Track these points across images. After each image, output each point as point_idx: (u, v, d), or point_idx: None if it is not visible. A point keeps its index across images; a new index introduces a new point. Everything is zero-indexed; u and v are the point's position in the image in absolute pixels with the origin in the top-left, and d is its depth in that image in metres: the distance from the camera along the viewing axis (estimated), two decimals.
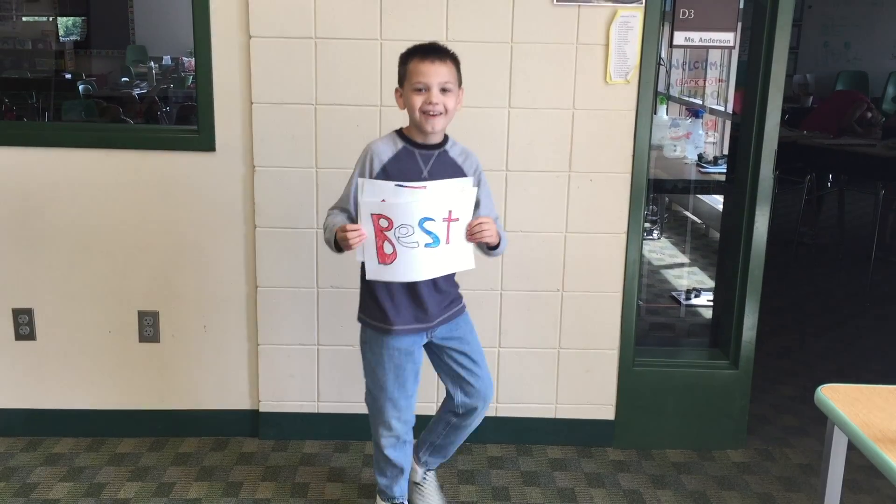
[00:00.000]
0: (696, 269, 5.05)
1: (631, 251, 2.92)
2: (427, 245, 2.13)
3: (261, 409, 3.07)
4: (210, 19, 2.76)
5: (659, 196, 5.41)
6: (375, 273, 2.20)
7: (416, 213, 2.09)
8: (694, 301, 4.34)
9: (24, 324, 3.00)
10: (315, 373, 3.03)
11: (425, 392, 3.03)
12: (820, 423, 3.19)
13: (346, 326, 2.96)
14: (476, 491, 2.78)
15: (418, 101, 2.16)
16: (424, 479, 2.62)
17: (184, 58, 9.35)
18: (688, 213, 5.95)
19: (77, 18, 9.95)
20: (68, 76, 8.69)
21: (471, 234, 2.17)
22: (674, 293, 4.51)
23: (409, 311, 2.28)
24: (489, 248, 2.27)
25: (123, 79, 8.70)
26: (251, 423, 3.09)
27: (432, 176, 2.20)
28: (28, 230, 2.93)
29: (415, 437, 2.51)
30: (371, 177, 2.20)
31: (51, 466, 2.88)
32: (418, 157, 2.23)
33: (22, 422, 3.06)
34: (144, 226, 2.93)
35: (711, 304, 3.90)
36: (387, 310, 2.28)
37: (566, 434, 3.07)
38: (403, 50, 2.24)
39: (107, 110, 6.55)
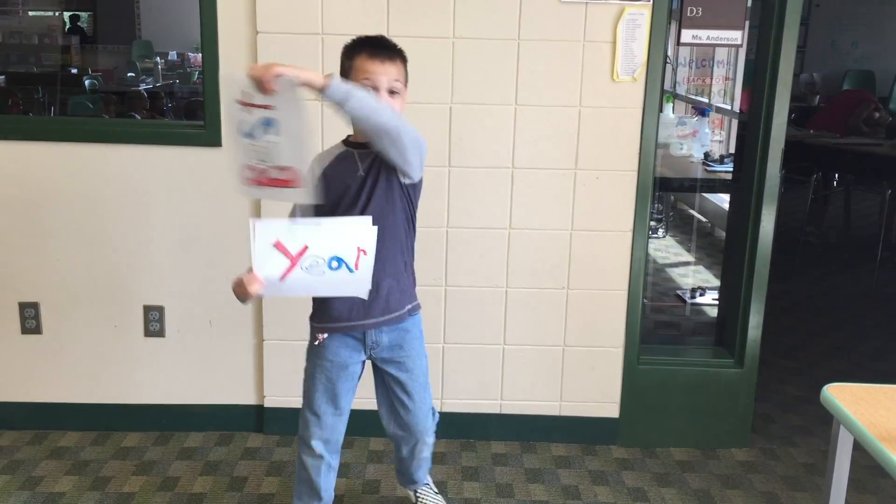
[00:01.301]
0: (701, 267, 5.05)
1: (636, 249, 2.91)
2: (333, 269, 2.02)
3: (266, 405, 3.07)
4: (217, 15, 2.76)
5: (664, 194, 5.41)
6: (268, 292, 2.07)
7: (325, 248, 1.99)
8: (699, 300, 4.34)
9: (30, 317, 3.00)
10: None
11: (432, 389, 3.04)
12: (824, 422, 3.19)
13: None
14: (480, 488, 2.78)
15: None
16: (419, 496, 2.58)
17: (189, 53, 9.37)
18: (693, 212, 5.95)
19: (80, 14, 9.96)
20: (74, 71, 8.71)
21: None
22: (679, 292, 4.51)
23: (345, 303, 2.15)
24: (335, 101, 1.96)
25: (129, 74, 8.71)
26: (256, 418, 3.09)
27: (367, 173, 2.09)
28: (34, 224, 2.94)
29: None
30: (313, 181, 2.05)
31: (56, 460, 2.89)
32: (356, 156, 2.12)
33: (27, 415, 3.07)
34: (150, 220, 2.93)
35: (716, 302, 3.90)
36: (325, 303, 2.18)
37: (570, 431, 3.07)
38: (348, 41, 2.12)
39: (112, 104, 6.57)
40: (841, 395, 1.74)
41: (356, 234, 2.00)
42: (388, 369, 2.29)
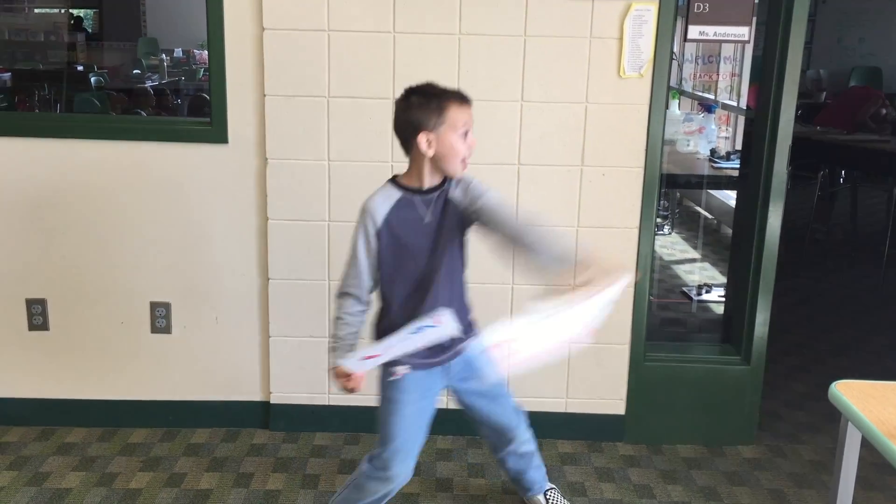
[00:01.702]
0: (707, 264, 5.04)
1: (643, 246, 2.91)
2: (416, 333, 2.01)
3: (272, 401, 3.08)
4: (223, 12, 2.76)
5: (670, 191, 5.40)
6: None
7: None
8: (705, 297, 4.34)
9: (37, 314, 3.01)
10: (326, 365, 3.03)
11: None
12: (831, 420, 3.19)
13: None
14: (486, 484, 2.78)
15: (463, 148, 2.06)
16: (548, 497, 2.58)
17: (195, 50, 9.37)
18: (699, 209, 5.94)
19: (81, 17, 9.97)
20: (80, 68, 8.72)
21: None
22: (685, 289, 4.50)
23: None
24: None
25: (135, 71, 8.72)
26: (262, 414, 3.10)
27: (435, 218, 2.11)
28: (41, 221, 2.94)
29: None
30: (374, 233, 2.10)
31: (63, 456, 2.90)
32: (417, 203, 2.12)
33: (35, 411, 3.08)
34: (157, 217, 2.94)
35: (723, 299, 3.89)
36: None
37: (576, 428, 3.06)
38: (415, 94, 2.09)
39: (118, 101, 6.58)
40: (849, 392, 1.74)
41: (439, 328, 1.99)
42: (466, 386, 2.32)
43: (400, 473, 2.24)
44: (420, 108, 2.06)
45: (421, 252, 2.12)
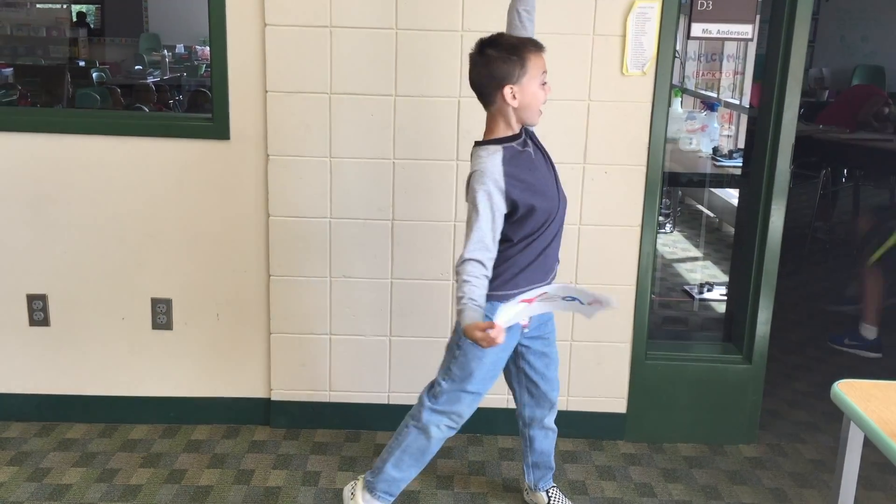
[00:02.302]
0: (709, 263, 5.04)
1: (645, 244, 2.90)
2: (568, 301, 2.09)
3: (272, 398, 3.07)
4: (225, 8, 2.75)
5: (672, 189, 5.39)
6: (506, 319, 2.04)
7: (562, 293, 2.07)
8: (707, 295, 4.33)
9: (38, 309, 3.01)
10: (327, 362, 3.03)
11: None
12: (833, 419, 3.19)
13: (358, 316, 2.97)
14: (486, 482, 2.78)
15: (543, 94, 2.13)
16: (551, 496, 2.60)
17: (197, 46, 9.37)
18: (701, 207, 5.93)
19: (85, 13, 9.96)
20: (82, 64, 8.72)
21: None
22: (686, 287, 4.50)
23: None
24: None
25: (137, 67, 8.72)
26: (263, 411, 3.10)
27: (538, 151, 2.20)
28: (42, 216, 2.94)
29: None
30: (501, 190, 2.07)
31: (64, 452, 2.90)
32: (518, 147, 2.14)
33: (35, 407, 3.08)
34: (158, 213, 2.94)
35: (724, 298, 3.89)
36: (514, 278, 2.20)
37: (577, 426, 3.06)
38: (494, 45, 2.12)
39: (119, 96, 6.58)
40: (851, 392, 1.73)
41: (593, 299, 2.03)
42: (534, 345, 2.37)
43: (466, 416, 2.33)
44: (501, 61, 2.08)
45: (550, 186, 2.19)
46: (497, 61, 2.08)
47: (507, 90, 2.08)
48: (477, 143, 2.18)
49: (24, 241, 2.96)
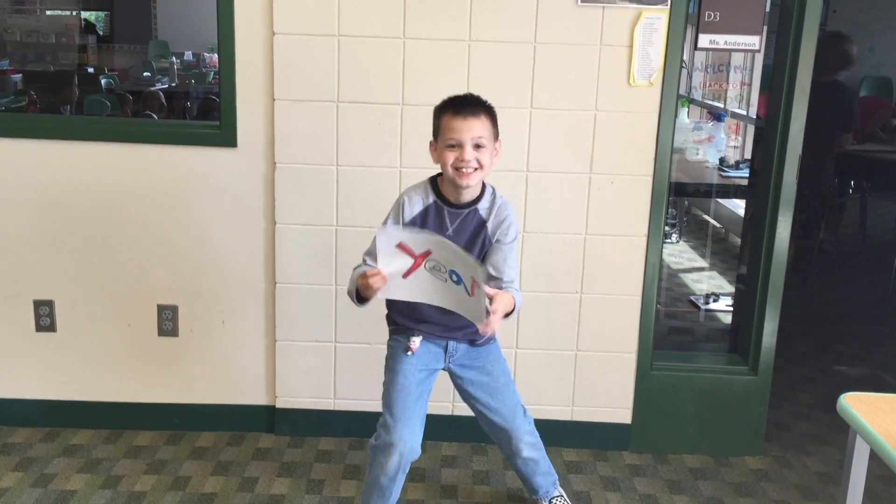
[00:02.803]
0: (714, 273, 5.02)
1: (651, 254, 2.90)
2: (454, 282, 2.04)
3: (277, 405, 3.07)
4: (234, 16, 2.77)
5: (678, 199, 5.39)
6: (391, 292, 2.13)
7: (445, 259, 2.02)
8: (713, 306, 4.32)
9: (44, 315, 3.02)
10: (332, 370, 3.03)
11: (443, 393, 3.03)
12: (839, 431, 3.17)
13: (363, 324, 2.97)
14: (491, 492, 2.77)
15: (451, 157, 2.14)
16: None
17: (205, 53, 9.40)
18: (707, 217, 5.92)
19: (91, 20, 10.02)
20: (91, 70, 8.76)
21: (489, 326, 2.06)
22: (692, 297, 4.48)
23: (431, 311, 2.21)
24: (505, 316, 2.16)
25: (145, 74, 8.76)
26: (268, 418, 3.10)
27: (455, 233, 2.21)
28: (50, 223, 2.95)
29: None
30: (401, 223, 2.22)
31: (69, 458, 2.90)
32: (446, 214, 2.23)
33: (41, 413, 3.09)
34: (165, 220, 2.94)
35: (730, 309, 3.88)
36: (407, 310, 2.27)
37: (582, 437, 3.05)
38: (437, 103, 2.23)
39: (127, 103, 6.60)
40: (858, 405, 1.72)
41: (470, 266, 2.00)
42: (467, 374, 2.36)
43: (402, 438, 2.24)
44: (433, 118, 2.21)
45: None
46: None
47: (430, 146, 2.24)
48: (435, 176, 2.27)
49: (32, 247, 2.97)
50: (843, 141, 4.88)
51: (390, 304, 2.32)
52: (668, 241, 5.41)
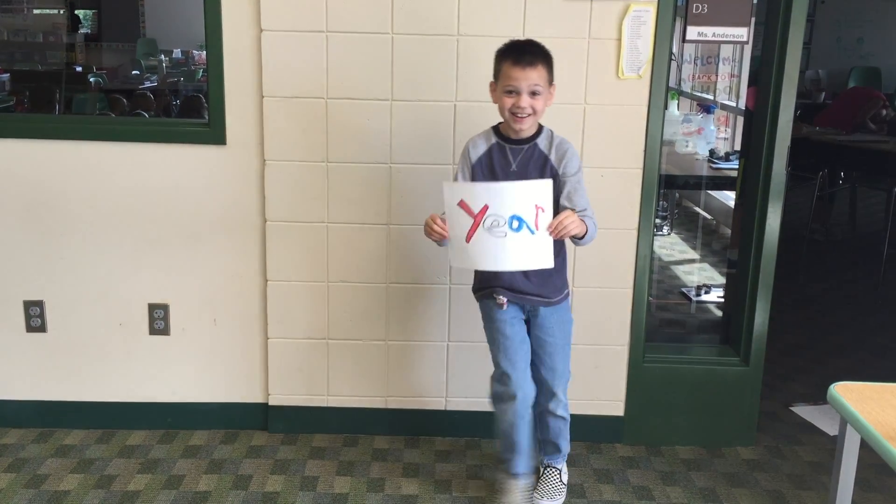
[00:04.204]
0: (706, 265, 5.03)
1: (642, 247, 2.91)
2: (514, 230, 2.17)
3: (270, 403, 3.07)
4: (222, 13, 2.76)
5: (669, 192, 5.39)
6: (459, 259, 2.32)
7: (505, 207, 2.16)
8: (704, 297, 4.33)
9: (35, 316, 3.01)
10: (325, 367, 3.03)
11: (436, 388, 3.04)
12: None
13: (356, 321, 2.97)
14: (485, 486, 2.78)
15: (508, 102, 2.29)
16: (543, 473, 2.72)
17: (194, 51, 9.36)
18: (698, 209, 5.93)
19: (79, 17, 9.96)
20: (79, 69, 8.72)
21: (554, 231, 2.21)
22: (684, 289, 4.50)
23: (510, 277, 2.39)
24: (577, 239, 2.34)
25: (134, 72, 8.72)
26: (261, 416, 3.09)
27: (520, 168, 2.35)
28: (39, 222, 2.94)
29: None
30: (469, 167, 2.41)
31: (61, 458, 2.90)
32: (508, 151, 2.38)
33: (33, 413, 3.08)
34: (155, 219, 2.93)
35: (722, 300, 3.89)
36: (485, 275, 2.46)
37: (575, 430, 3.04)
38: (499, 46, 2.36)
39: (116, 102, 6.57)
40: (848, 395, 1.73)
41: (534, 192, 2.15)
42: (535, 331, 2.52)
43: (519, 386, 2.46)
44: (495, 61, 2.37)
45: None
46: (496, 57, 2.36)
47: (490, 86, 2.39)
48: (497, 124, 2.43)
49: (21, 248, 2.96)
50: None
51: (476, 273, 2.52)
52: (659, 233, 5.42)
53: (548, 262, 2.24)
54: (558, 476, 2.69)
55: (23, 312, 3.01)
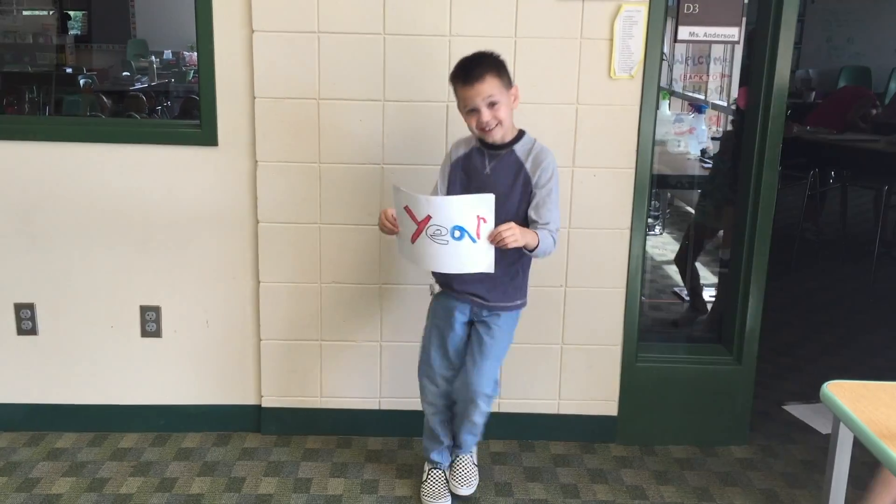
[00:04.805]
0: (698, 264, 5.04)
1: (634, 247, 2.91)
2: (456, 238, 2.22)
3: (263, 405, 3.06)
4: (212, 13, 2.75)
5: (661, 191, 5.40)
6: (405, 255, 2.40)
7: (447, 220, 2.22)
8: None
9: (26, 318, 2.99)
10: (318, 368, 3.02)
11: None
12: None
13: (349, 322, 2.96)
14: (479, 487, 2.77)
15: (472, 121, 2.35)
16: (456, 461, 2.75)
17: (185, 52, 9.33)
18: (690, 209, 5.94)
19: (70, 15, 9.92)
20: (69, 70, 8.68)
21: (493, 240, 2.24)
22: (676, 289, 4.50)
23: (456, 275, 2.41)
24: (528, 250, 2.34)
25: (124, 73, 8.68)
26: (254, 418, 3.08)
27: (493, 172, 2.41)
28: (30, 225, 2.92)
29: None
30: (448, 167, 2.50)
31: (53, 461, 2.88)
32: (486, 156, 2.44)
33: (24, 417, 3.06)
34: (146, 220, 2.92)
35: (714, 299, 3.90)
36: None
37: (569, 430, 3.06)
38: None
39: (107, 103, 6.54)
40: (841, 393, 1.74)
41: (476, 205, 2.20)
42: (479, 328, 2.55)
43: (424, 385, 2.60)
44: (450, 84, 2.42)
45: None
46: None
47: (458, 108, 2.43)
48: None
49: (12, 250, 2.94)
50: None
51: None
52: (652, 232, 5.42)
53: (488, 267, 2.29)
54: (470, 460, 2.74)
55: (13, 315, 2.99)
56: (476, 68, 2.30)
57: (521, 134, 2.44)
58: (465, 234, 2.22)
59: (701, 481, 2.85)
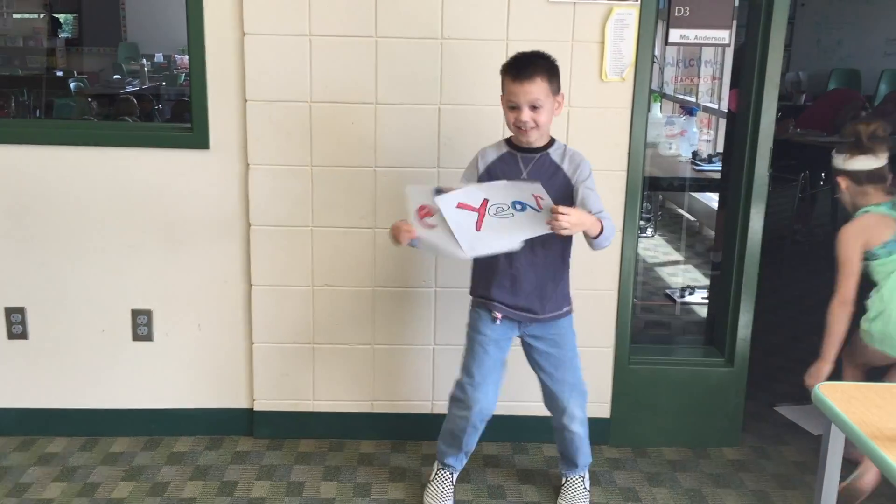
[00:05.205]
0: (690, 266, 5.06)
1: (626, 249, 2.91)
2: (519, 210, 2.23)
3: (255, 408, 3.06)
4: (204, 16, 2.74)
5: (653, 194, 5.42)
6: (473, 249, 2.30)
7: (505, 198, 2.23)
8: (688, 299, 4.35)
9: (16, 323, 2.98)
10: (310, 371, 3.02)
11: (422, 392, 3.03)
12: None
13: (341, 325, 2.96)
14: (472, 489, 2.78)
15: (511, 116, 2.34)
16: (566, 483, 2.72)
17: (176, 55, 9.31)
18: (682, 211, 5.97)
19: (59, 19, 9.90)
20: (60, 73, 8.65)
21: (554, 212, 2.17)
22: (668, 291, 4.52)
23: (507, 290, 2.44)
24: (592, 239, 2.31)
25: (115, 76, 8.66)
26: (246, 421, 3.08)
27: (531, 176, 2.36)
28: (20, 228, 2.91)
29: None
30: (475, 176, 2.43)
31: (44, 466, 2.87)
32: (519, 159, 2.41)
33: (15, 421, 3.05)
34: (138, 224, 2.91)
35: (706, 301, 3.91)
36: (488, 281, 2.47)
37: None
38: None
39: (98, 107, 6.52)
40: (833, 394, 1.74)
41: (528, 188, 2.21)
42: (537, 345, 2.52)
43: (476, 400, 2.50)
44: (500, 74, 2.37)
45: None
46: None
47: (501, 99, 2.38)
48: (508, 137, 2.47)
49: (2, 254, 2.93)
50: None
51: (474, 278, 2.54)
52: (643, 235, 5.44)
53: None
54: (581, 483, 2.71)
55: (4, 319, 2.98)
56: (528, 67, 2.29)
57: (552, 140, 2.44)
58: (527, 206, 2.22)
59: (693, 483, 2.85)
